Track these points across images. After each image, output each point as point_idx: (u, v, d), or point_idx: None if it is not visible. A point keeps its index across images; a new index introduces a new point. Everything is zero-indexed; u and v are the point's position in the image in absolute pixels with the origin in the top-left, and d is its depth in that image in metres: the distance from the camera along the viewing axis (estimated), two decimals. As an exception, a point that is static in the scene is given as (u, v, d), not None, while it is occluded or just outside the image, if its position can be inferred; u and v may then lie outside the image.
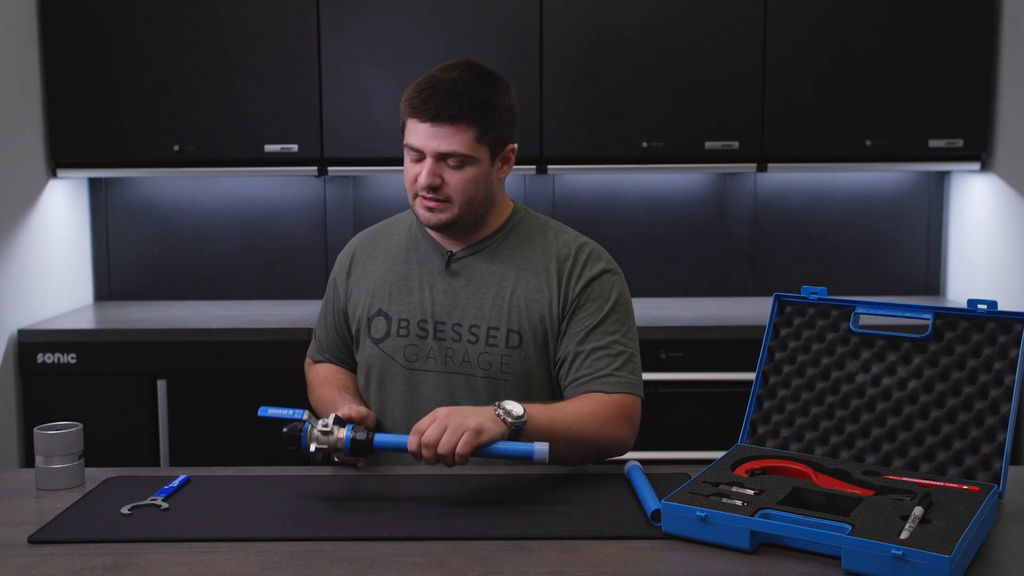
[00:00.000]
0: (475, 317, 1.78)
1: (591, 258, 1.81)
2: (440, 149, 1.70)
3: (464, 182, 1.73)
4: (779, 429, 1.64)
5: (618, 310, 1.79)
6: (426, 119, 1.69)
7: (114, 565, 1.31)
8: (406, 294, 1.82)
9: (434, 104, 1.69)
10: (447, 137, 1.69)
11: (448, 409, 1.52)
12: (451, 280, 1.81)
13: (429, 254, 1.83)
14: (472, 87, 1.71)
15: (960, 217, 3.56)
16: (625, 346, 1.76)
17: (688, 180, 3.68)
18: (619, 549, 1.36)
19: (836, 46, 3.26)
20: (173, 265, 3.68)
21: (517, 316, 1.77)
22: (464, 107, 1.69)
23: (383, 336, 1.82)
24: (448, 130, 1.69)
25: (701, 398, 3.10)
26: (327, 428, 1.49)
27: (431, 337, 1.79)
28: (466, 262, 1.81)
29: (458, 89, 1.70)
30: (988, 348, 1.52)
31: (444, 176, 1.72)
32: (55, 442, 1.60)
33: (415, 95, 1.72)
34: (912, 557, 1.22)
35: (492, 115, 1.72)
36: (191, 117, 3.28)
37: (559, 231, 1.85)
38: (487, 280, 1.80)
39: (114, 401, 3.10)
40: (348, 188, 3.63)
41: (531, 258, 1.81)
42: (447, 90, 1.70)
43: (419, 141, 1.71)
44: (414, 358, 1.79)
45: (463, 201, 1.74)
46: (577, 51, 3.27)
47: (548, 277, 1.79)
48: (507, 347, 1.77)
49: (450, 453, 1.48)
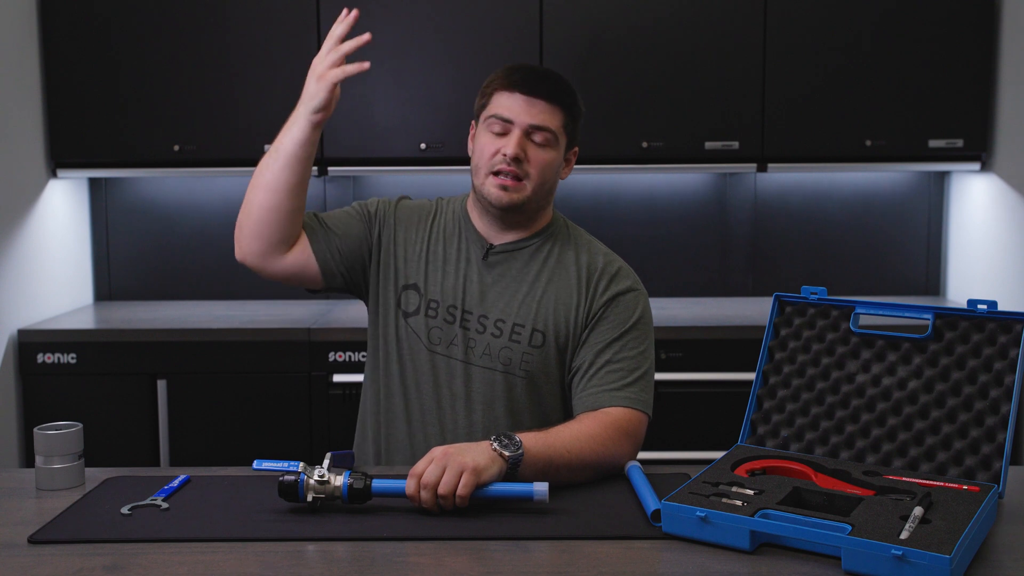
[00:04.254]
0: (502, 312, 1.79)
1: (619, 274, 1.84)
2: (534, 121, 1.76)
3: (545, 161, 1.78)
4: (779, 429, 1.64)
5: (639, 328, 1.80)
6: (524, 91, 1.76)
7: (114, 565, 1.31)
8: (441, 276, 1.83)
9: (534, 80, 1.77)
10: (542, 112, 1.76)
11: (444, 448, 1.50)
12: (485, 272, 1.82)
13: (470, 243, 1.85)
14: (564, 80, 1.82)
15: (960, 217, 3.56)
16: (639, 364, 1.77)
17: (688, 180, 3.68)
18: (619, 549, 1.36)
19: (836, 46, 3.26)
20: (173, 265, 3.68)
21: (543, 316, 1.79)
22: (561, 91, 1.79)
23: (413, 311, 1.82)
24: (544, 105, 1.76)
25: (701, 398, 3.10)
26: (323, 478, 1.47)
27: (457, 324, 1.80)
28: (503, 257, 1.83)
29: (554, 75, 1.81)
30: (988, 348, 1.52)
31: (528, 151, 1.76)
32: (55, 442, 1.60)
33: (513, 71, 1.80)
34: (912, 557, 1.22)
35: (576, 108, 1.82)
36: (191, 117, 3.28)
37: (592, 243, 1.89)
38: (520, 277, 1.82)
39: (114, 401, 3.10)
40: (348, 188, 3.63)
41: (565, 262, 1.83)
42: (546, 74, 1.81)
43: (512, 112, 1.75)
44: (437, 341, 1.80)
45: (538, 182, 1.78)
46: (577, 51, 3.27)
47: (578, 285, 1.81)
48: (529, 345, 1.78)
49: (451, 495, 1.45)
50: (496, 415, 1.78)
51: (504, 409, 1.78)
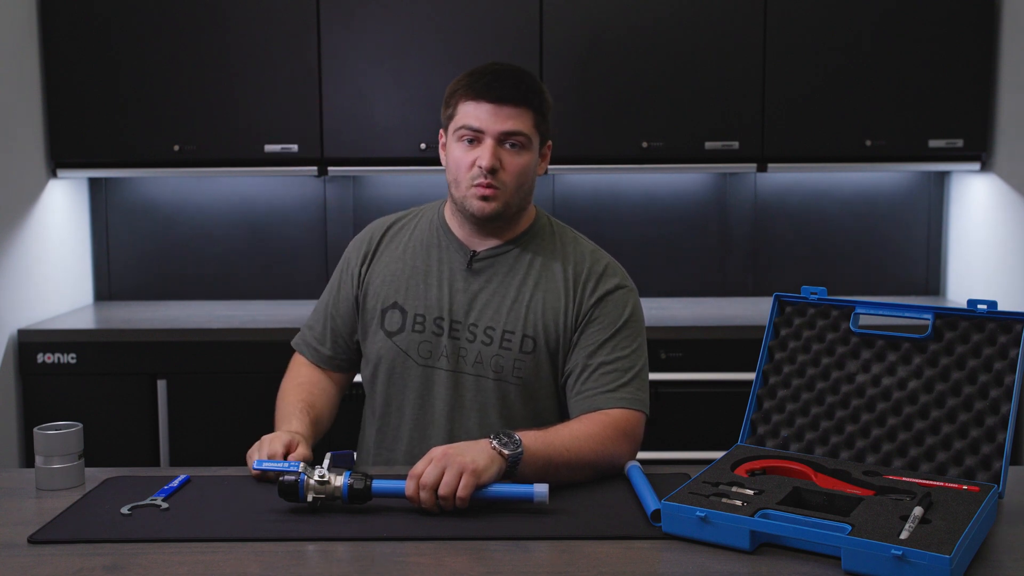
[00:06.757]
0: (492, 319, 1.78)
1: (607, 273, 1.82)
2: (505, 128, 1.73)
3: (521, 166, 1.75)
4: (779, 429, 1.64)
5: (630, 326, 1.79)
6: (490, 100, 1.72)
7: (114, 565, 1.31)
8: (424, 289, 1.81)
9: (499, 86, 1.73)
10: (511, 117, 1.73)
11: (444, 448, 1.50)
12: (471, 280, 1.81)
13: (451, 251, 1.83)
14: (529, 77, 1.78)
15: (960, 217, 3.56)
16: (633, 363, 1.76)
17: (688, 180, 3.68)
18: (619, 549, 1.36)
19: (836, 46, 3.26)
20: (173, 265, 3.68)
21: (533, 322, 1.77)
22: (526, 92, 1.75)
23: (398, 330, 1.81)
24: (512, 111, 1.73)
25: (701, 398, 3.10)
26: (324, 478, 1.47)
27: (445, 335, 1.78)
28: (488, 263, 1.81)
29: (518, 76, 1.77)
30: (988, 348, 1.52)
31: (502, 159, 1.74)
32: (55, 442, 1.60)
33: (475, 79, 1.75)
34: (912, 557, 1.22)
35: (544, 105, 1.79)
36: (191, 117, 3.28)
37: (577, 241, 1.86)
38: (507, 283, 1.80)
39: (114, 401, 3.10)
40: (348, 188, 3.63)
41: (551, 266, 1.81)
42: (509, 75, 1.76)
43: (481, 122, 1.73)
44: (427, 354, 1.79)
45: (515, 187, 1.75)
46: (577, 51, 3.27)
47: (566, 287, 1.79)
48: (521, 351, 1.77)
49: (451, 495, 1.44)
50: (490, 422, 1.78)
51: (498, 416, 1.78)
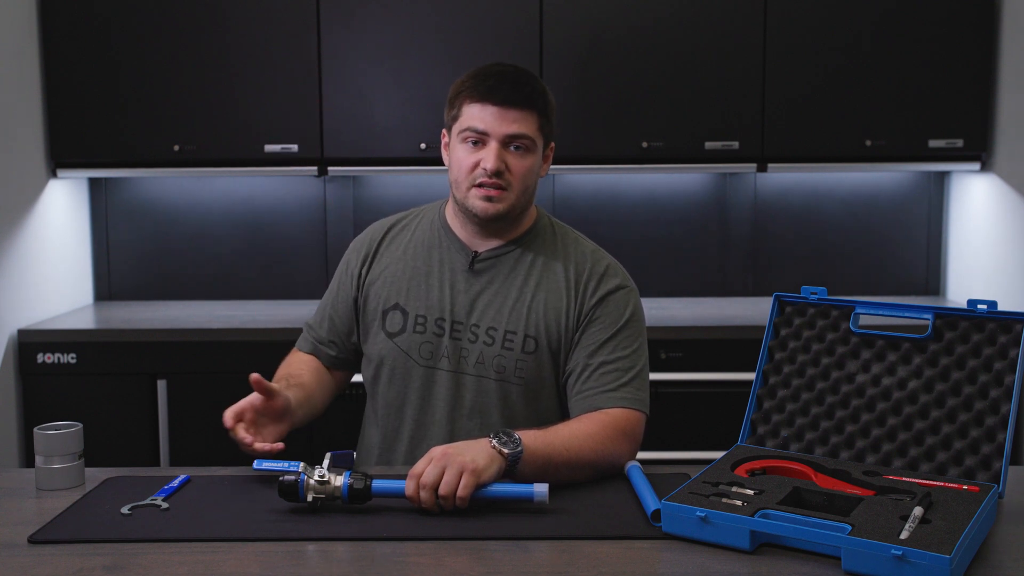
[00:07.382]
0: (493, 319, 1.78)
1: (608, 273, 1.82)
2: (510, 131, 1.72)
3: (525, 169, 1.75)
4: (779, 429, 1.64)
5: (631, 326, 1.79)
6: (495, 102, 1.72)
7: (114, 565, 1.31)
8: (425, 290, 1.81)
9: (503, 88, 1.72)
10: (516, 120, 1.72)
11: (444, 448, 1.50)
12: (473, 280, 1.81)
13: (453, 252, 1.83)
14: (533, 79, 1.77)
15: (960, 217, 3.56)
16: (634, 362, 1.76)
17: (688, 180, 3.68)
18: (619, 549, 1.36)
19: (836, 46, 3.26)
20: (173, 265, 3.68)
21: (535, 322, 1.77)
22: (531, 94, 1.75)
23: (399, 331, 1.81)
24: (517, 113, 1.72)
25: (701, 398, 3.10)
26: (323, 478, 1.47)
27: (447, 336, 1.78)
28: (490, 263, 1.81)
29: (523, 77, 1.76)
30: (988, 348, 1.52)
31: (507, 161, 1.73)
32: (55, 442, 1.60)
33: (479, 81, 1.74)
34: (912, 557, 1.22)
35: (548, 108, 1.78)
36: (191, 117, 3.28)
37: (578, 242, 1.86)
38: (509, 283, 1.80)
39: (114, 401, 3.10)
40: (348, 188, 3.63)
41: (552, 266, 1.81)
42: (513, 77, 1.75)
43: (486, 124, 1.72)
44: (428, 355, 1.79)
45: (520, 189, 1.75)
46: (577, 51, 3.27)
47: (567, 287, 1.80)
48: (523, 352, 1.77)
49: (451, 495, 1.44)
50: (492, 422, 1.78)
51: (500, 416, 1.78)
